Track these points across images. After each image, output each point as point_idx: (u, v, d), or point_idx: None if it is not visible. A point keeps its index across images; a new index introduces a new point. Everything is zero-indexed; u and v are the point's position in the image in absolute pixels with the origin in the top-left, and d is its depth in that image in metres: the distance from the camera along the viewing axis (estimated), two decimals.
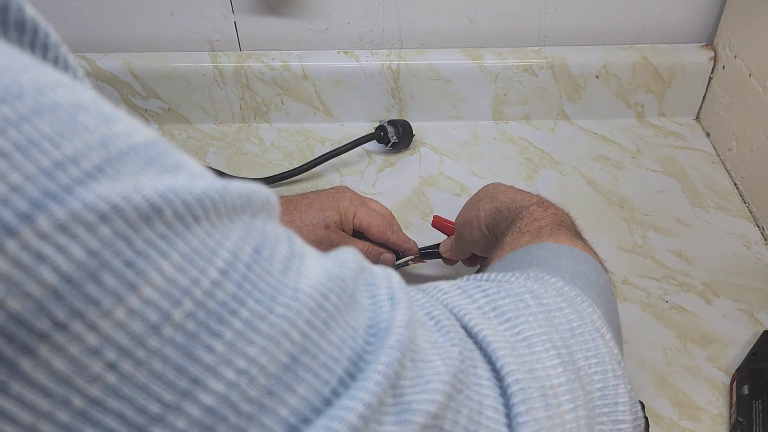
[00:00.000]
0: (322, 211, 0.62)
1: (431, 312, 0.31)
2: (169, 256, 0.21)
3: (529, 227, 0.49)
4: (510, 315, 0.34)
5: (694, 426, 0.59)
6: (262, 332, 0.23)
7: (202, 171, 0.25)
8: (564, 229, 0.48)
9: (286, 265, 0.25)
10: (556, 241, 0.45)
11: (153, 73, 0.88)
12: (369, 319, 0.28)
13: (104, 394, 0.20)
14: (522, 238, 0.48)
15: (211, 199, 0.23)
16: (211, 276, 0.22)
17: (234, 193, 0.24)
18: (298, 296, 0.24)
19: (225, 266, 0.23)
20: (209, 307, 0.22)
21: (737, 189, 0.82)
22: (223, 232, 0.23)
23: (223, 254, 0.23)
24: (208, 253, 0.22)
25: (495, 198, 0.57)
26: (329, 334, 0.25)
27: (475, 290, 0.35)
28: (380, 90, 0.89)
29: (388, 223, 0.66)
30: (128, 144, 0.22)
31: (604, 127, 0.91)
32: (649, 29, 0.89)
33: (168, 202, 0.21)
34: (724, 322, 0.67)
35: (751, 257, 0.74)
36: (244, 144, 0.89)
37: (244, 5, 0.86)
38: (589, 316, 0.36)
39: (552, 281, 0.38)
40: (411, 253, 0.67)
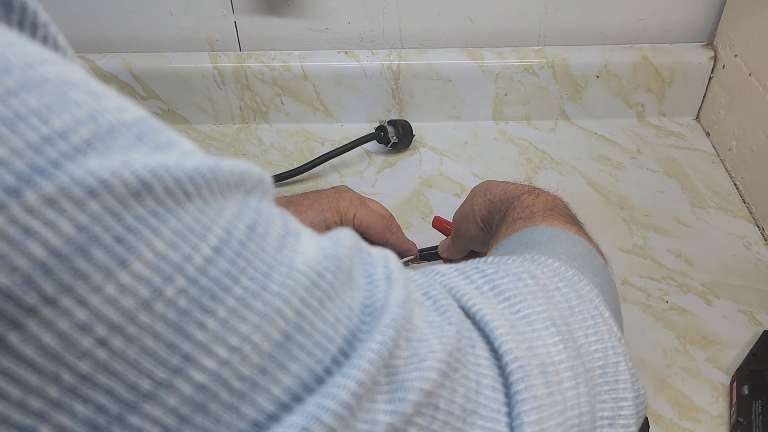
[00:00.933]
0: (322, 212, 0.62)
1: (429, 292, 0.31)
2: (161, 232, 0.21)
3: (521, 214, 0.50)
4: (509, 294, 0.34)
5: (694, 427, 0.59)
6: (255, 310, 0.23)
7: (194, 149, 0.25)
8: (557, 214, 0.48)
9: (281, 242, 0.25)
10: (549, 225, 0.45)
11: (153, 74, 0.88)
12: (365, 298, 0.27)
13: (94, 370, 0.20)
14: (515, 225, 0.48)
15: (203, 176, 0.23)
16: (204, 253, 0.22)
17: (227, 171, 0.24)
18: (293, 274, 0.24)
19: (218, 243, 0.22)
20: (202, 284, 0.22)
21: (737, 189, 0.82)
22: (216, 209, 0.23)
23: (216, 231, 0.23)
24: (200, 230, 0.22)
25: (488, 191, 0.58)
26: (324, 313, 0.25)
27: (473, 271, 0.35)
28: (380, 90, 0.89)
29: (387, 224, 0.66)
30: (118, 120, 0.22)
31: (605, 127, 0.91)
32: (649, 29, 0.89)
33: (158, 178, 0.21)
34: (724, 322, 0.67)
35: (751, 258, 0.74)
36: (244, 145, 0.89)
37: (244, 5, 0.86)
38: (587, 294, 0.36)
39: (549, 262, 0.38)
40: (410, 254, 0.67)
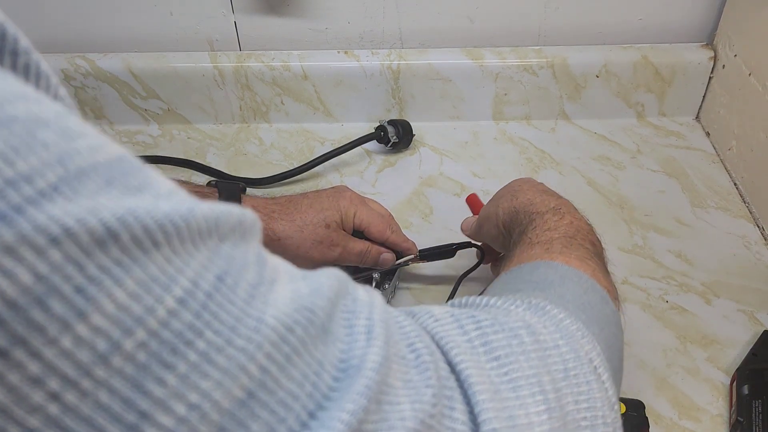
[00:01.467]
0: (322, 211, 0.62)
1: (414, 343, 0.30)
2: (123, 282, 0.20)
3: (540, 238, 0.48)
4: (500, 353, 0.32)
5: (694, 426, 0.59)
6: (218, 365, 0.22)
7: (170, 191, 0.24)
8: (576, 245, 0.46)
9: (252, 293, 0.24)
10: (565, 262, 0.43)
11: (153, 73, 0.88)
12: (341, 352, 0.26)
13: (45, 425, 0.19)
14: (531, 250, 0.46)
15: (173, 224, 0.22)
16: (168, 305, 0.21)
17: (200, 217, 0.23)
18: (261, 328, 0.23)
19: (184, 295, 0.22)
20: (163, 338, 0.21)
21: (737, 189, 0.82)
22: (185, 259, 0.22)
23: (182, 282, 0.22)
24: (166, 281, 0.21)
25: (515, 197, 0.56)
26: (291, 369, 0.24)
27: (468, 321, 0.34)
28: (380, 90, 0.89)
29: (387, 223, 0.66)
30: (89, 162, 0.21)
31: (605, 127, 0.91)
32: (649, 29, 0.89)
33: (126, 226, 0.21)
34: (724, 322, 0.67)
35: (751, 257, 0.74)
36: (244, 144, 0.89)
37: (244, 5, 0.86)
38: (587, 354, 0.35)
39: (554, 312, 0.36)
40: (410, 252, 0.67)
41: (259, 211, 0.61)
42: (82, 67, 0.87)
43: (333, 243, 0.62)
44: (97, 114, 0.91)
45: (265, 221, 0.61)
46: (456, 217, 0.78)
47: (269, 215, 0.61)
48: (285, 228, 0.61)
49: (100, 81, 0.88)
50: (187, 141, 0.90)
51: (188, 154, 0.87)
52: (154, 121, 0.92)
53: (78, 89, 0.89)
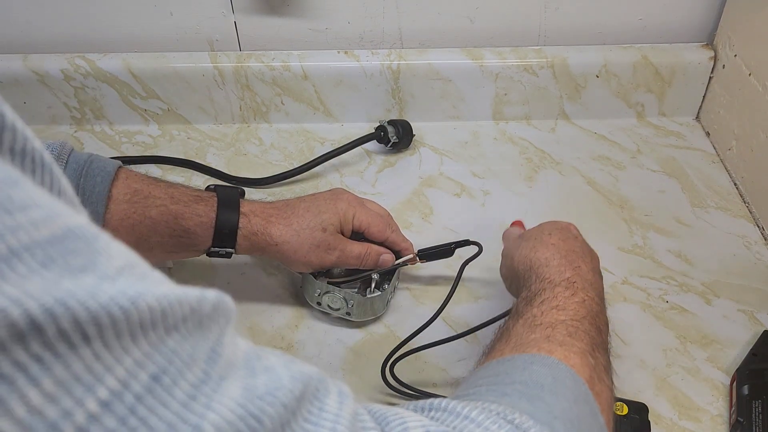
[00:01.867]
0: (319, 215, 0.62)
1: None
2: (41, 382, 0.18)
3: (544, 318, 0.45)
4: None
5: (694, 426, 0.59)
6: None
7: (120, 268, 0.22)
8: (581, 333, 0.44)
9: (192, 394, 0.22)
10: (564, 359, 0.41)
11: (153, 73, 0.88)
12: None
13: None
14: (531, 335, 0.43)
15: (110, 315, 0.20)
16: (90, 408, 0.19)
17: (143, 307, 0.21)
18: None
19: (109, 397, 0.19)
20: None
21: (737, 189, 0.82)
22: (117, 355, 0.20)
23: (109, 382, 0.20)
24: (91, 380, 0.19)
25: (535, 248, 0.54)
26: None
27: None
28: (380, 90, 0.89)
29: (386, 223, 0.66)
30: (25, 241, 0.19)
31: (605, 127, 0.91)
32: (649, 29, 0.89)
33: (53, 317, 0.18)
34: (724, 322, 0.67)
35: (751, 257, 0.74)
36: (244, 144, 0.89)
37: (244, 5, 0.86)
38: None
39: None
40: (408, 252, 0.67)
41: (258, 216, 0.61)
42: (82, 67, 0.87)
43: (330, 247, 0.62)
44: (97, 114, 0.91)
45: (264, 226, 0.61)
46: (456, 217, 0.79)
47: (267, 220, 0.61)
48: (282, 233, 0.61)
49: (100, 81, 0.88)
50: (187, 141, 0.90)
51: (188, 154, 0.87)
52: (154, 121, 0.92)
53: (78, 89, 0.89)
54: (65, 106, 0.90)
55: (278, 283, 0.71)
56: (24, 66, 0.87)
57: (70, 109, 0.91)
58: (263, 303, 0.69)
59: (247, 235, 0.60)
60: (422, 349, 0.60)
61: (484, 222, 0.78)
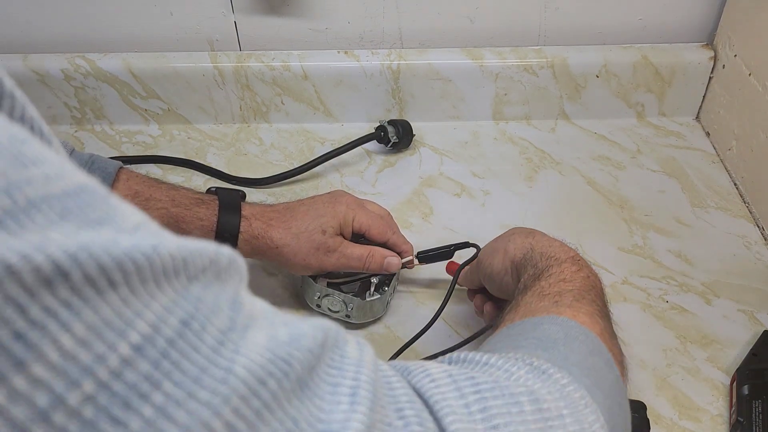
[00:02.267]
0: (318, 217, 0.62)
1: (403, 409, 0.28)
2: (72, 327, 0.18)
3: (552, 289, 0.45)
4: (499, 421, 0.30)
5: (694, 426, 0.59)
6: (177, 421, 0.20)
7: (136, 224, 0.22)
8: (589, 300, 0.44)
9: (221, 339, 0.22)
10: (573, 317, 0.41)
11: (153, 73, 0.88)
12: (321, 412, 0.24)
13: None
14: (540, 303, 0.44)
15: (133, 261, 0.20)
16: (123, 352, 0.19)
17: (165, 255, 0.21)
18: (229, 379, 0.21)
19: (141, 341, 0.20)
20: (115, 390, 0.19)
21: (737, 189, 0.82)
22: (146, 301, 0.20)
23: (141, 327, 0.20)
24: (122, 325, 0.19)
25: (531, 234, 0.54)
26: (260, 427, 0.22)
27: (467, 383, 0.31)
28: (380, 90, 0.89)
29: (387, 224, 0.66)
30: (42, 193, 0.19)
31: (604, 127, 0.91)
32: (649, 29, 0.89)
33: (78, 263, 0.18)
34: (724, 322, 0.67)
35: (751, 257, 0.74)
36: (244, 144, 0.89)
37: (244, 5, 0.86)
38: (591, 425, 0.33)
39: (557, 377, 0.34)
40: (408, 254, 0.67)
41: (258, 219, 0.61)
42: (82, 67, 0.87)
43: (329, 249, 0.62)
44: (97, 114, 0.91)
45: (264, 229, 0.61)
46: (456, 217, 0.79)
47: (267, 223, 0.61)
48: (282, 236, 0.61)
49: (100, 81, 0.88)
50: (187, 141, 0.90)
51: (188, 154, 0.87)
52: (154, 121, 0.92)
53: (78, 89, 0.89)
54: (65, 106, 0.90)
55: (279, 283, 0.71)
56: (24, 66, 0.87)
57: (71, 109, 0.91)
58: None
59: (248, 238, 0.60)
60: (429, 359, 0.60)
61: (484, 222, 0.78)
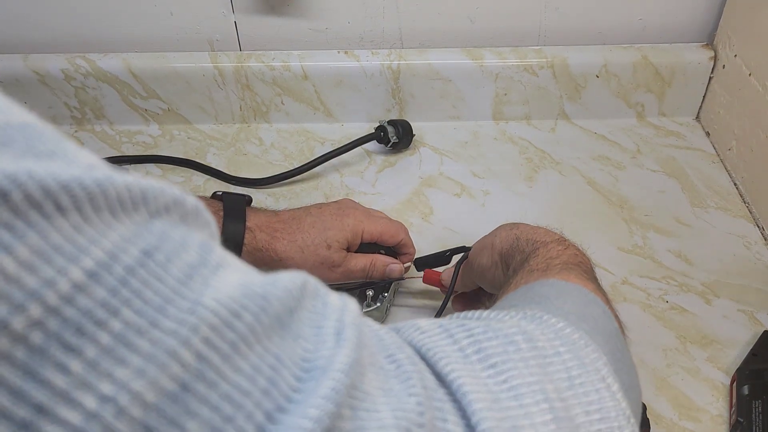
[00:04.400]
0: (324, 231, 0.61)
1: (394, 354, 0.27)
2: (14, 250, 0.17)
3: (540, 265, 0.45)
4: (496, 359, 0.29)
5: (694, 426, 0.59)
6: (139, 350, 0.19)
7: (91, 163, 0.21)
8: (579, 270, 0.44)
9: (189, 273, 0.21)
10: (564, 279, 0.41)
11: (153, 73, 0.88)
12: (306, 351, 0.23)
13: None
14: (530, 277, 0.44)
15: (84, 188, 0.19)
16: (74, 277, 0.18)
17: (120, 186, 0.20)
18: (197, 309, 0.20)
19: (95, 267, 0.19)
20: (66, 316, 0.18)
21: (737, 189, 0.82)
22: (101, 229, 0.19)
23: (95, 253, 0.19)
24: (73, 251, 0.18)
25: (515, 226, 0.54)
26: (238, 360, 0.21)
27: (458, 329, 0.31)
28: (380, 90, 0.89)
29: (396, 226, 0.65)
30: None
31: (604, 127, 0.91)
32: (649, 29, 0.89)
33: (18, 184, 0.18)
34: (724, 322, 0.67)
35: (751, 257, 0.74)
36: (244, 144, 0.89)
37: (245, 5, 0.86)
38: (593, 363, 0.31)
39: (551, 321, 0.33)
40: (410, 258, 0.67)
41: (263, 231, 0.60)
42: (82, 67, 0.87)
43: (334, 264, 0.61)
44: (97, 114, 0.91)
45: (269, 242, 0.60)
46: (456, 217, 0.79)
47: (272, 235, 0.60)
48: (287, 248, 0.60)
49: (100, 81, 0.88)
50: (187, 141, 0.90)
51: (188, 154, 0.87)
52: (154, 121, 0.92)
53: (78, 89, 0.89)
54: (66, 106, 0.90)
55: None
56: (24, 66, 0.87)
57: (71, 109, 0.91)
58: None
59: (251, 251, 0.60)
60: None
61: (484, 222, 0.78)
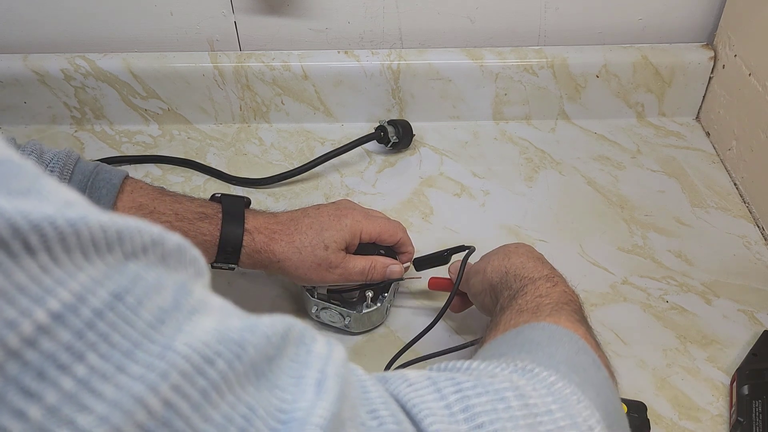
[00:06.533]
0: (321, 232, 0.61)
1: (378, 410, 0.26)
2: None
3: (529, 305, 0.45)
4: (484, 419, 0.28)
5: (694, 426, 0.59)
6: (103, 396, 0.18)
7: (67, 201, 0.20)
8: (568, 311, 0.43)
9: (160, 317, 0.20)
10: (554, 322, 0.40)
11: (153, 73, 0.88)
12: (283, 401, 0.22)
13: None
14: (519, 318, 0.43)
15: (55, 228, 0.18)
16: (38, 319, 0.18)
17: (95, 225, 0.19)
18: (167, 354, 0.19)
19: (61, 310, 0.18)
20: (26, 359, 0.17)
21: (737, 189, 0.82)
22: (70, 270, 0.19)
23: (62, 295, 0.18)
24: (39, 292, 0.18)
25: (507, 257, 0.54)
26: (208, 409, 0.20)
27: (447, 383, 0.30)
28: (380, 90, 0.89)
29: (395, 226, 0.65)
30: None
31: (604, 127, 0.91)
32: (649, 29, 0.89)
33: None
34: (724, 322, 0.67)
35: (751, 257, 0.74)
36: (244, 144, 0.89)
37: (245, 5, 0.86)
38: (585, 421, 0.31)
39: (543, 375, 0.32)
40: (410, 258, 0.67)
41: (261, 233, 0.60)
42: (82, 67, 0.87)
43: (332, 265, 0.61)
44: (97, 114, 0.91)
45: (267, 243, 0.60)
46: (456, 217, 0.79)
47: (270, 237, 0.60)
48: (284, 249, 0.60)
49: (100, 81, 0.88)
50: (187, 141, 0.90)
51: (188, 154, 0.87)
52: (154, 121, 0.92)
53: (78, 89, 0.89)
54: (65, 106, 0.90)
55: (279, 282, 0.71)
56: (24, 66, 0.87)
57: (71, 109, 0.91)
58: (264, 303, 0.69)
59: (250, 252, 0.60)
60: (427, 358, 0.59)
61: (484, 222, 0.78)
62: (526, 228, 0.77)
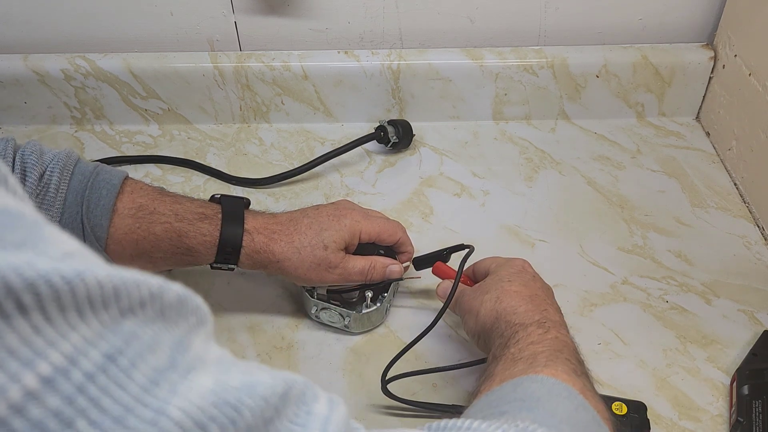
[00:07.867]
0: (321, 232, 0.61)
1: None
2: None
3: (523, 353, 0.44)
4: None
5: (694, 426, 0.59)
6: None
7: (67, 252, 0.20)
8: (563, 359, 0.43)
9: (155, 379, 0.20)
10: (552, 375, 0.40)
11: (153, 73, 0.88)
12: None
13: None
14: (514, 368, 0.43)
15: (50, 286, 0.18)
16: (28, 385, 0.17)
17: (92, 282, 0.19)
18: (160, 420, 0.19)
19: (52, 374, 0.18)
20: (13, 428, 0.17)
21: (737, 189, 0.82)
22: (63, 330, 0.18)
23: (54, 358, 0.18)
24: (30, 355, 0.17)
25: (499, 299, 0.53)
26: None
27: None
28: (380, 90, 0.89)
29: (394, 225, 0.65)
30: None
31: (604, 127, 0.91)
32: (649, 29, 0.89)
33: None
34: (724, 322, 0.67)
35: (751, 257, 0.74)
36: (244, 144, 0.89)
37: (245, 5, 0.86)
38: None
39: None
40: (409, 257, 0.67)
41: (261, 233, 0.60)
42: (82, 67, 0.87)
43: (331, 265, 0.61)
44: (97, 114, 0.91)
45: (266, 243, 0.60)
46: (456, 217, 0.79)
47: (270, 237, 0.60)
48: (284, 250, 0.60)
49: (100, 81, 0.88)
50: (187, 141, 0.90)
51: (188, 154, 0.87)
52: (154, 121, 0.92)
53: (78, 89, 0.89)
54: (66, 106, 0.90)
55: (279, 282, 0.71)
56: (24, 66, 0.87)
57: (71, 109, 0.91)
58: (264, 303, 0.69)
59: (249, 253, 0.60)
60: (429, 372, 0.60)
61: (484, 222, 0.78)
62: (526, 228, 0.77)
